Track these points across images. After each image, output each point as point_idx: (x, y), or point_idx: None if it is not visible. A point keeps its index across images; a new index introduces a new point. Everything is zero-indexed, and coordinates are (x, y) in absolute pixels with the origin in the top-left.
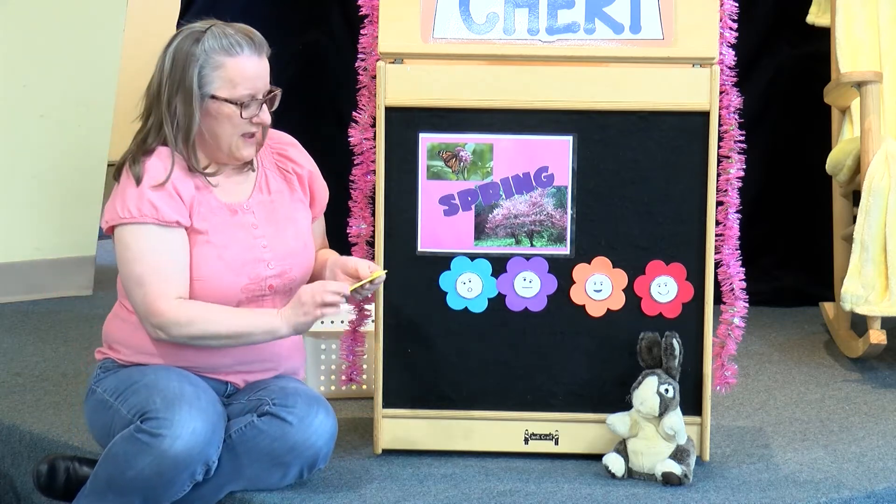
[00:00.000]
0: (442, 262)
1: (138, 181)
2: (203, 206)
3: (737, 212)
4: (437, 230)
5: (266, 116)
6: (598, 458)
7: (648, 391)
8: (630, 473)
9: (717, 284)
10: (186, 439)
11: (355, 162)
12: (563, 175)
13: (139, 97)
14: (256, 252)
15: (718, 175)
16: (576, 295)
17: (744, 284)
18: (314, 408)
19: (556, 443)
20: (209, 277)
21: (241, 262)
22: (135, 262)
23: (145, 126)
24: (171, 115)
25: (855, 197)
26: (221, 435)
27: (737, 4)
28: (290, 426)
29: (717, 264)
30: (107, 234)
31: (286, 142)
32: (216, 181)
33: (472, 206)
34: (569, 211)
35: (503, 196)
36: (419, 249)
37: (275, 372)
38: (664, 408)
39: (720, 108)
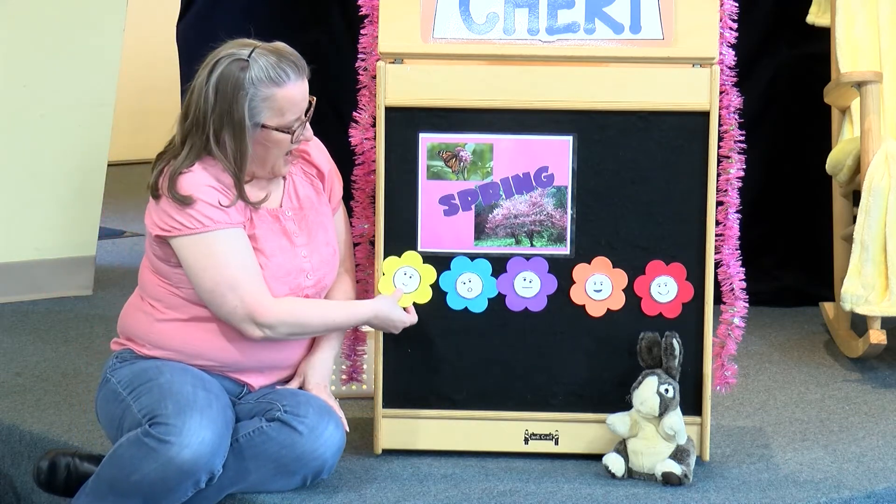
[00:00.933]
0: (442, 261)
1: (189, 199)
2: (252, 211)
3: (737, 212)
4: (437, 230)
5: (309, 133)
6: (598, 458)
7: (648, 391)
8: (630, 473)
9: (717, 284)
10: (194, 449)
11: (357, 162)
12: (563, 175)
13: (136, 97)
14: (298, 262)
15: (718, 175)
16: (576, 295)
17: (744, 284)
18: (325, 419)
19: (556, 443)
20: None
21: (284, 271)
22: (223, 266)
23: (181, 150)
24: (220, 146)
25: (855, 197)
26: (228, 444)
27: (737, 4)
28: (300, 435)
29: (717, 264)
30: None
31: (307, 138)
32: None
33: (472, 206)
34: (569, 211)
35: (503, 196)
36: (419, 249)
37: (288, 373)
38: (664, 408)
39: (720, 108)
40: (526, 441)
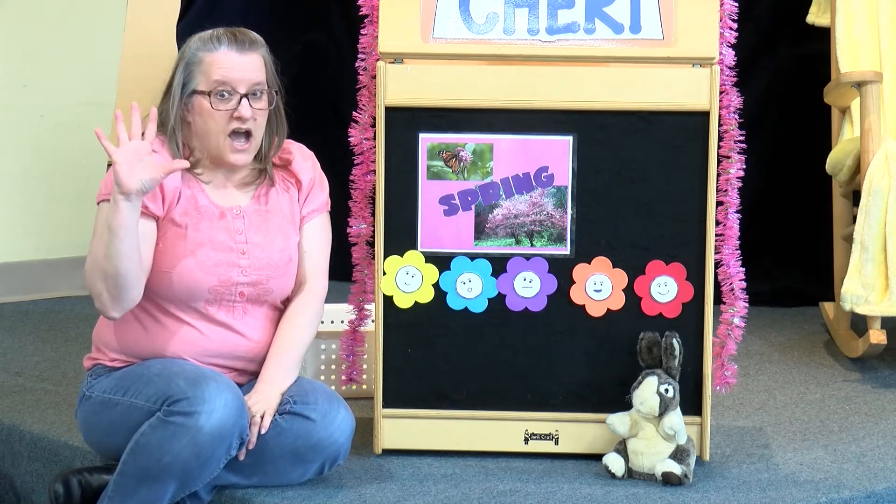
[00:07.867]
0: (442, 261)
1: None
2: (188, 201)
3: (737, 212)
4: (437, 230)
5: (245, 111)
6: (598, 458)
7: (648, 391)
8: (630, 473)
9: (717, 284)
10: (221, 412)
11: (355, 162)
12: (563, 175)
13: (136, 97)
14: (232, 256)
15: (718, 175)
16: (576, 295)
17: (744, 284)
18: (335, 404)
19: (556, 443)
20: (178, 271)
21: (212, 262)
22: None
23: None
24: (164, 121)
25: (855, 197)
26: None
27: (737, 4)
28: (314, 423)
29: (717, 264)
30: None
31: (289, 150)
32: (208, 178)
33: (472, 206)
34: (569, 211)
35: (503, 196)
36: (419, 249)
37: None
38: (664, 408)
39: (720, 108)
40: (526, 441)
